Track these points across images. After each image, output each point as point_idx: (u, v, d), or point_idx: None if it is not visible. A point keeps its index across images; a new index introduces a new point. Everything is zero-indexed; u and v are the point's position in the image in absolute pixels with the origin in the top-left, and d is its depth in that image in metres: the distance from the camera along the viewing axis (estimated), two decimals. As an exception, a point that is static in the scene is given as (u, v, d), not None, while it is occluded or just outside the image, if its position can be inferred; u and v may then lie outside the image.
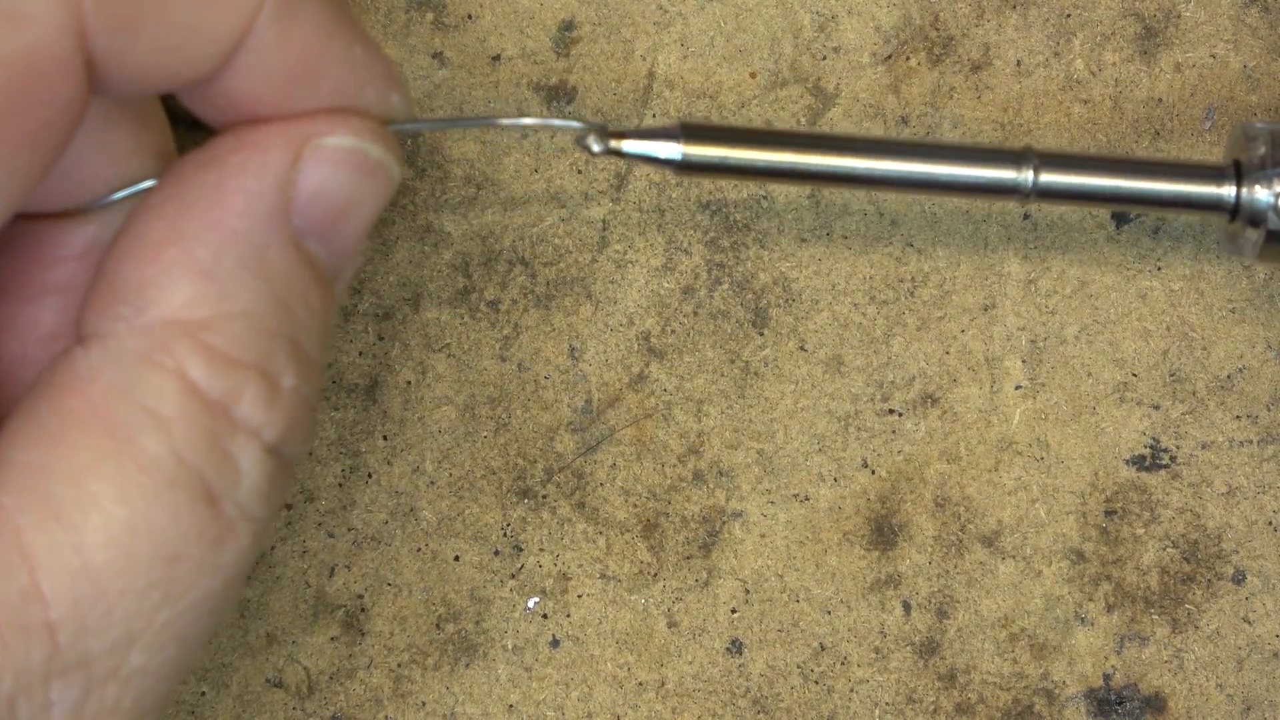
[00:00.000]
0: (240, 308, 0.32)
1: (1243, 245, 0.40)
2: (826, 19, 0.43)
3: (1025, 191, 0.39)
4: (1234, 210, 0.39)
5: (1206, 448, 0.43)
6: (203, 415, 0.32)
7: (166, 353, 0.32)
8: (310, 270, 0.34)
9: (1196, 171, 0.39)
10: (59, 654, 0.31)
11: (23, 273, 0.35)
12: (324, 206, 0.34)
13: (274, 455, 0.33)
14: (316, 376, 0.34)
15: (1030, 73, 0.43)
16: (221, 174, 0.33)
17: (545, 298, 0.43)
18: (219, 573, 0.32)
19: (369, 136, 0.34)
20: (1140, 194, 0.39)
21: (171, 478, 0.32)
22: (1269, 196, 0.39)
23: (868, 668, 0.43)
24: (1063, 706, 0.43)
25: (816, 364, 0.43)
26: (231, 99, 0.34)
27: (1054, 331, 0.43)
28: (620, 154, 0.37)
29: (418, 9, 0.43)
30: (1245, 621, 0.43)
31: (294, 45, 0.33)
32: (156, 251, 0.32)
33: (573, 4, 0.43)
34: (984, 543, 0.43)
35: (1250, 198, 0.39)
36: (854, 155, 0.38)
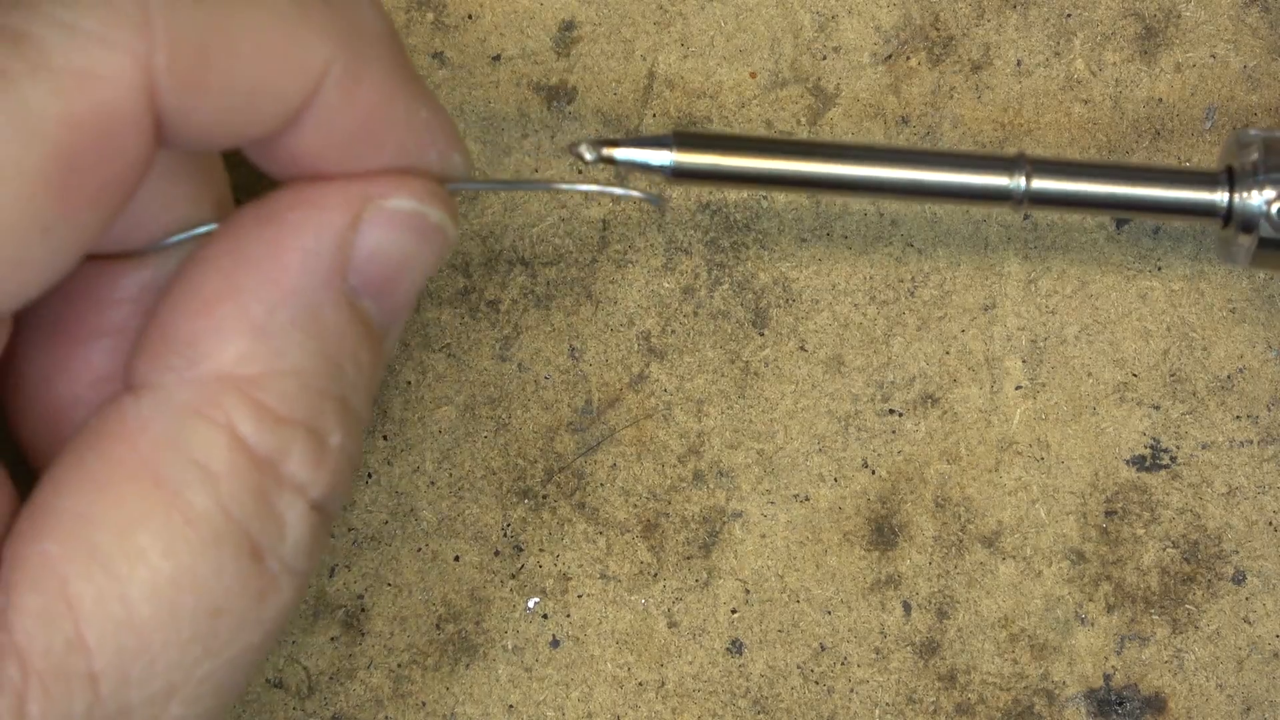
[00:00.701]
0: (292, 365, 0.33)
1: (1236, 252, 0.40)
2: (826, 19, 0.43)
3: (1018, 198, 0.39)
4: (1227, 216, 0.39)
5: (1206, 448, 0.43)
6: (251, 471, 0.32)
7: (217, 407, 0.32)
8: (362, 328, 0.34)
9: (1189, 177, 0.39)
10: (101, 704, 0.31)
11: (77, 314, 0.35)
12: (380, 267, 0.34)
13: (318, 511, 0.33)
14: (362, 434, 0.34)
15: (1030, 73, 0.43)
16: (280, 230, 0.33)
17: (545, 298, 0.43)
18: (260, 627, 0.33)
19: (429, 199, 0.34)
20: (1133, 200, 0.39)
21: (218, 532, 0.32)
22: (1261, 203, 0.39)
23: (868, 668, 0.43)
24: (1063, 707, 0.43)
25: (816, 364, 0.43)
26: (295, 156, 0.34)
27: (1054, 331, 0.43)
28: (613, 162, 0.37)
29: (418, 9, 0.43)
30: (1245, 622, 0.43)
31: (359, 107, 0.33)
32: (211, 305, 0.32)
33: (573, 4, 0.43)
34: (984, 543, 0.43)
35: (1243, 204, 0.39)
36: (846, 163, 0.39)
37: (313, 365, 0.33)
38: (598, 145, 0.37)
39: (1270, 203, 0.39)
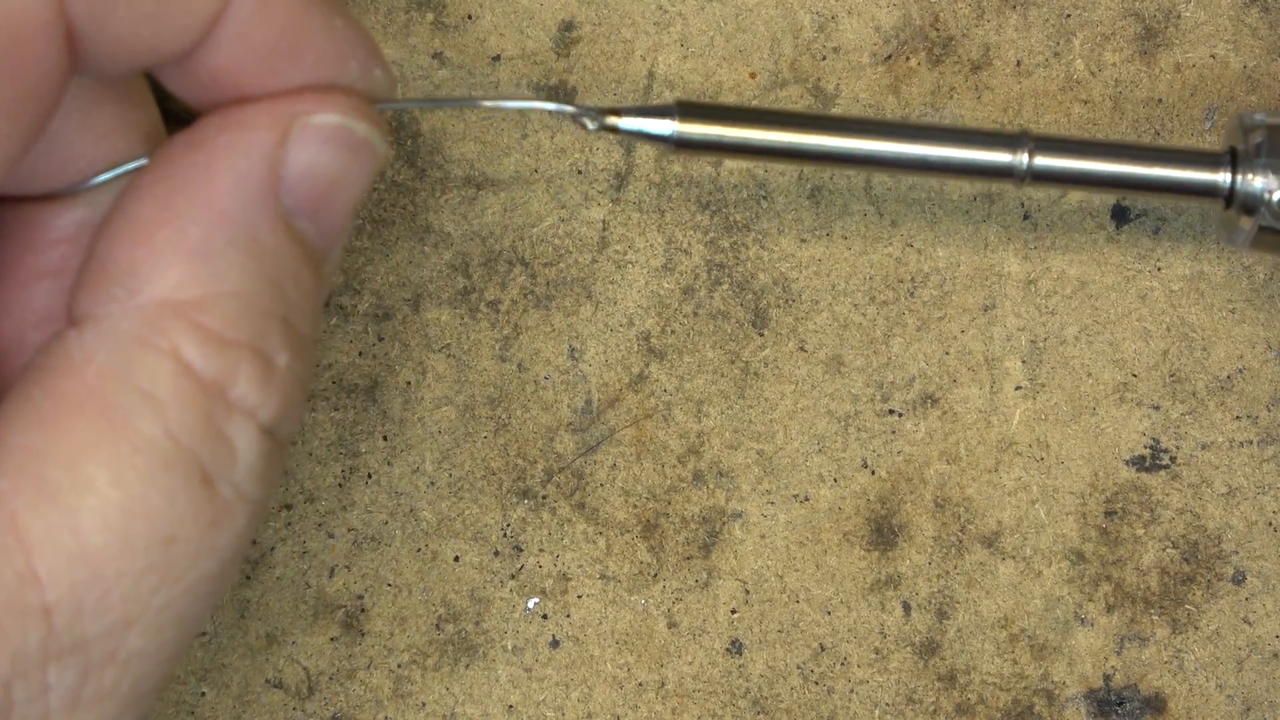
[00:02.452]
0: (232, 287, 0.32)
1: (1237, 234, 0.40)
2: (826, 19, 0.43)
3: (1020, 175, 0.39)
4: (1229, 198, 0.39)
5: (1206, 448, 0.43)
6: (198, 396, 0.32)
7: (160, 334, 0.32)
8: (300, 249, 0.34)
9: (1192, 158, 0.39)
10: (55, 637, 0.31)
11: (13, 257, 0.35)
12: (312, 185, 0.34)
13: (269, 435, 0.33)
14: (310, 355, 0.34)
15: (1030, 73, 0.43)
16: (210, 154, 0.33)
17: (545, 298, 0.43)
18: (216, 554, 0.32)
19: (354, 114, 0.34)
20: (1136, 179, 0.39)
21: (167, 460, 0.32)
22: (1263, 189, 0.39)
23: (868, 668, 0.43)
24: (1063, 707, 0.43)
25: (816, 364, 0.43)
26: (212, 76, 0.33)
27: (1054, 331, 0.43)
28: (616, 130, 0.37)
29: (418, 9, 0.43)
30: (1245, 622, 0.43)
31: (273, 18, 0.33)
32: (147, 233, 0.32)
33: (573, 4, 0.43)
34: (984, 543, 0.43)
35: (1245, 186, 0.39)
36: (849, 136, 0.39)
37: (253, 286, 0.33)
38: (601, 114, 0.37)
39: (1272, 192, 0.39)
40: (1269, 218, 0.39)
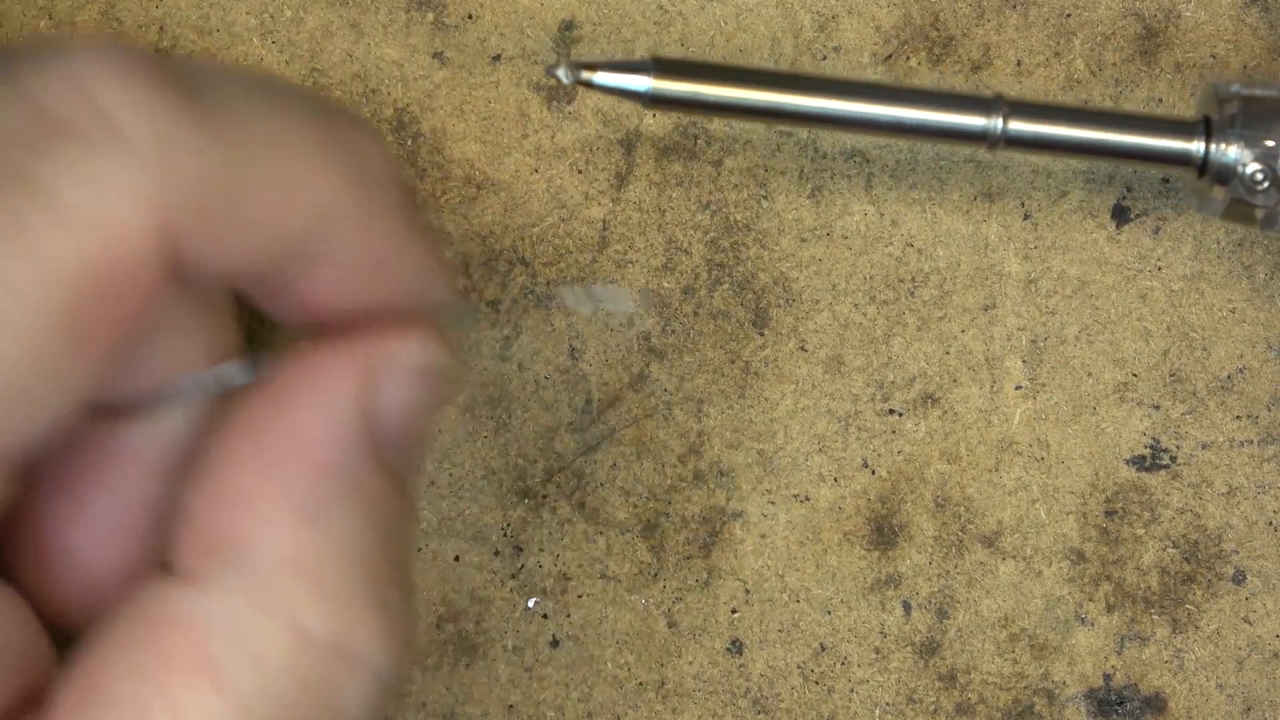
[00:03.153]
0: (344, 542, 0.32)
1: (1209, 203, 0.40)
2: (826, 19, 0.43)
3: (994, 139, 0.39)
4: (1202, 167, 0.39)
5: (1206, 448, 0.43)
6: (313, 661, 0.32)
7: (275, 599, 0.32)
8: (395, 481, 0.33)
9: (1166, 126, 0.39)
10: None
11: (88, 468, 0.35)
12: (400, 420, 0.34)
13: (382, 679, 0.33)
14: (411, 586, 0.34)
15: (1030, 73, 0.43)
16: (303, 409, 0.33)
17: (545, 298, 0.43)
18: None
19: (436, 348, 0.34)
20: (1109, 146, 0.39)
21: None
22: (1237, 157, 0.39)
23: (868, 668, 0.43)
24: (1063, 707, 0.43)
25: (816, 364, 0.43)
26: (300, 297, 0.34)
27: (1054, 331, 0.43)
28: (590, 85, 0.37)
29: (418, 9, 0.43)
30: (1245, 622, 0.43)
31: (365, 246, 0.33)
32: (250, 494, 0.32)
33: (573, 4, 0.43)
34: (984, 543, 0.43)
35: (1219, 156, 0.39)
36: (825, 96, 0.38)
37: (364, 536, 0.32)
38: (576, 68, 0.37)
39: (1245, 164, 0.39)
40: (1242, 190, 0.39)
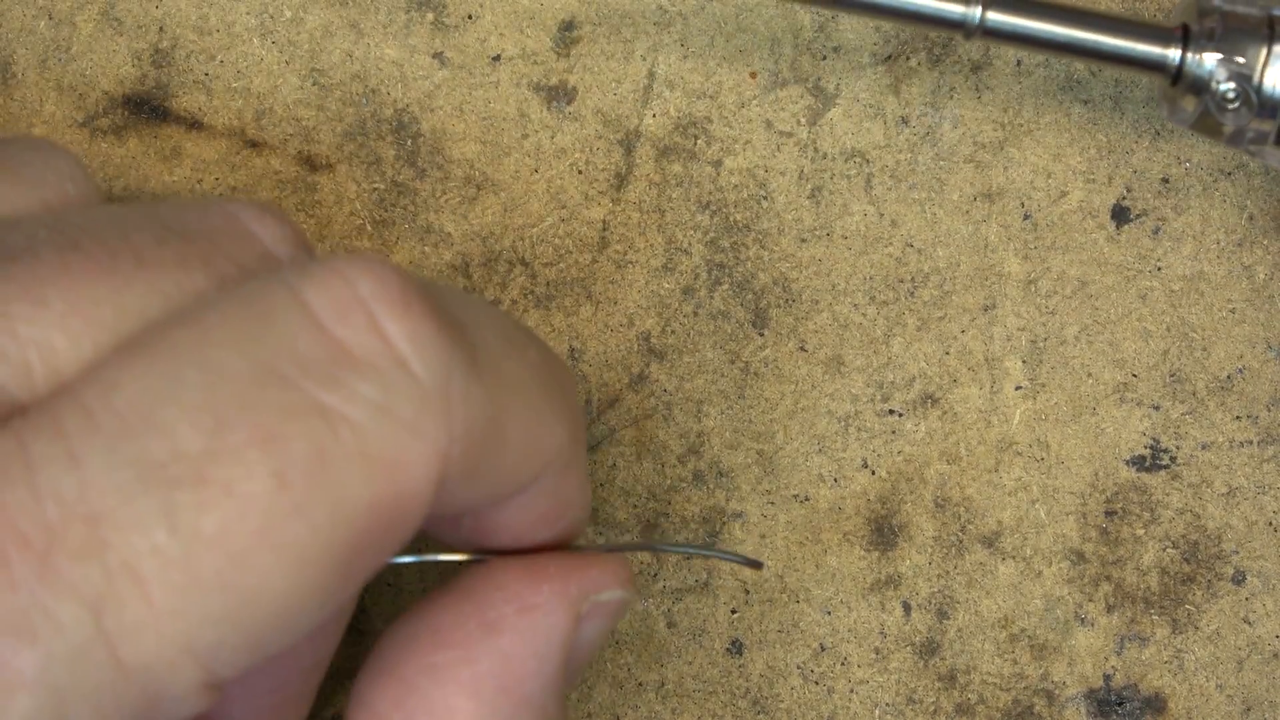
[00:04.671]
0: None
1: (1179, 113, 0.39)
2: (826, 19, 0.43)
3: (971, 28, 0.38)
4: (1176, 75, 0.39)
5: (1206, 448, 0.43)
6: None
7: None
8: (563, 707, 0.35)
9: (1144, 30, 0.39)
10: None
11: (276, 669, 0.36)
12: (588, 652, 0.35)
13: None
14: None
15: (1030, 73, 0.43)
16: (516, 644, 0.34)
17: (545, 298, 0.43)
18: None
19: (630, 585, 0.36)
20: (1086, 45, 0.39)
21: None
22: (1212, 70, 0.39)
23: (868, 668, 0.43)
24: (1063, 707, 0.43)
25: (816, 364, 0.43)
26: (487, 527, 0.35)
27: (1054, 331, 0.43)
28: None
29: (418, 9, 0.43)
30: (1245, 622, 0.43)
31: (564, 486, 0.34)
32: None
33: (573, 4, 0.43)
34: (984, 543, 0.43)
35: (1194, 66, 0.39)
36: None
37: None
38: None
39: (1219, 80, 0.38)
40: (1212, 105, 0.38)
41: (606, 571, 0.35)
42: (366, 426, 0.30)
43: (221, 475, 0.29)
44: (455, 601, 0.34)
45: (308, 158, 0.43)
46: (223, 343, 0.30)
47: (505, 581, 0.34)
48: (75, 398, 0.29)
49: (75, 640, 0.28)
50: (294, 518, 0.29)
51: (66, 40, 0.43)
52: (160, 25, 0.43)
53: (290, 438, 0.29)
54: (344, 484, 0.29)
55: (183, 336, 0.30)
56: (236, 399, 0.29)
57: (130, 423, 0.29)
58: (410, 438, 0.30)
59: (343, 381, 0.30)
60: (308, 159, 0.43)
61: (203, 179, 0.43)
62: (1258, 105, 0.38)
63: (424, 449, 0.30)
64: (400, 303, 0.30)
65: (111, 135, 0.43)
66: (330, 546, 0.29)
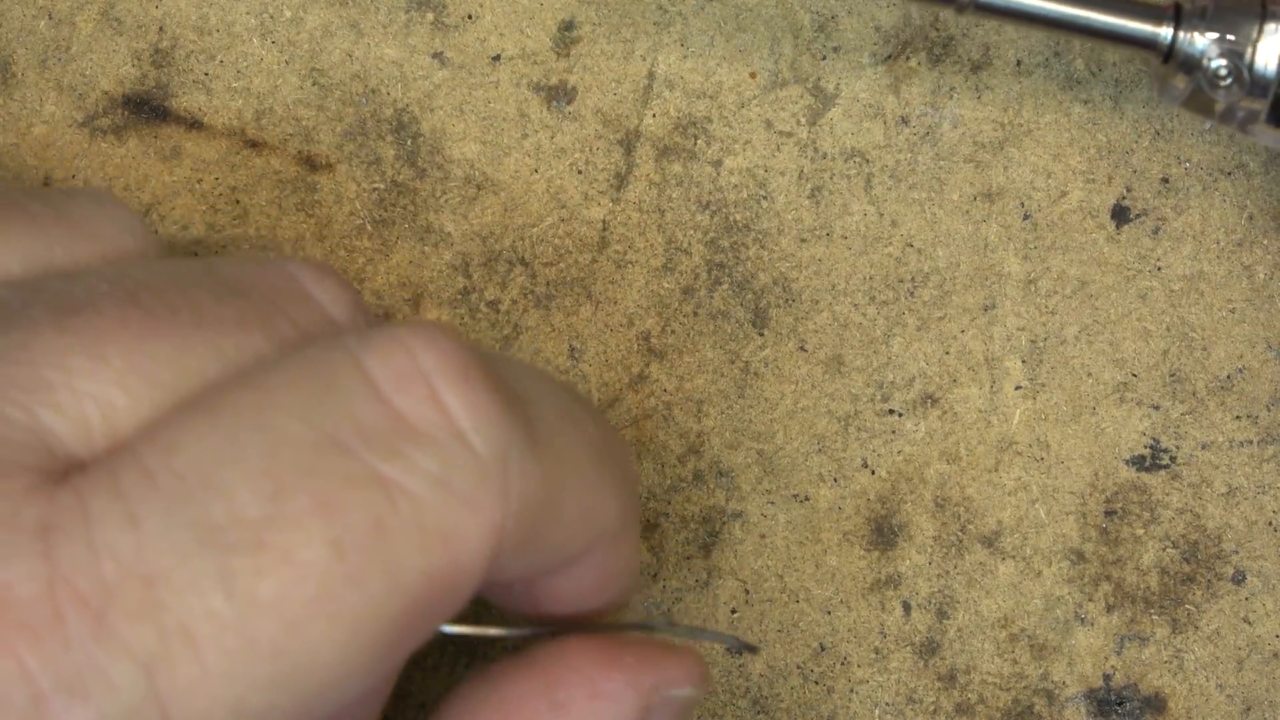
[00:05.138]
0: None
1: (1170, 91, 0.39)
2: (826, 19, 0.43)
3: (963, 3, 0.38)
4: (1168, 53, 0.39)
5: (1206, 448, 0.43)
6: None
7: None
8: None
9: (1137, 8, 0.39)
10: None
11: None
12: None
13: None
14: None
15: (1030, 73, 0.43)
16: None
17: (545, 298, 0.43)
18: None
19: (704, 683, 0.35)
20: (1078, 21, 0.38)
21: None
22: (1204, 48, 0.38)
23: (868, 668, 0.43)
24: (1063, 707, 0.43)
25: (816, 364, 0.43)
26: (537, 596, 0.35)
27: (1054, 331, 0.43)
28: None
29: (418, 9, 0.43)
30: (1245, 622, 0.43)
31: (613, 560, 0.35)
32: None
33: (573, 4, 0.43)
34: (984, 543, 0.43)
35: (1186, 44, 0.39)
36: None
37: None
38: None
39: (1210, 58, 0.38)
40: (1204, 83, 0.38)
41: (682, 667, 0.35)
42: (424, 498, 0.30)
43: (280, 541, 0.29)
44: (525, 676, 0.34)
45: (308, 158, 0.43)
46: (285, 408, 0.30)
47: (579, 664, 0.34)
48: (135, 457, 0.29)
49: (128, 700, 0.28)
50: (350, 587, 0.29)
51: (66, 40, 0.43)
52: (160, 25, 0.43)
53: (349, 507, 0.29)
54: (400, 555, 0.30)
55: (245, 399, 0.30)
56: (297, 465, 0.29)
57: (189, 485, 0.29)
58: (467, 511, 0.30)
59: (402, 453, 0.30)
60: (308, 159, 0.43)
61: (203, 179, 0.43)
62: (1249, 83, 0.38)
63: (480, 523, 0.30)
64: (461, 376, 0.31)
65: (111, 135, 0.43)
66: (384, 616, 0.30)
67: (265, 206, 0.43)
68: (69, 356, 0.30)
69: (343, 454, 0.30)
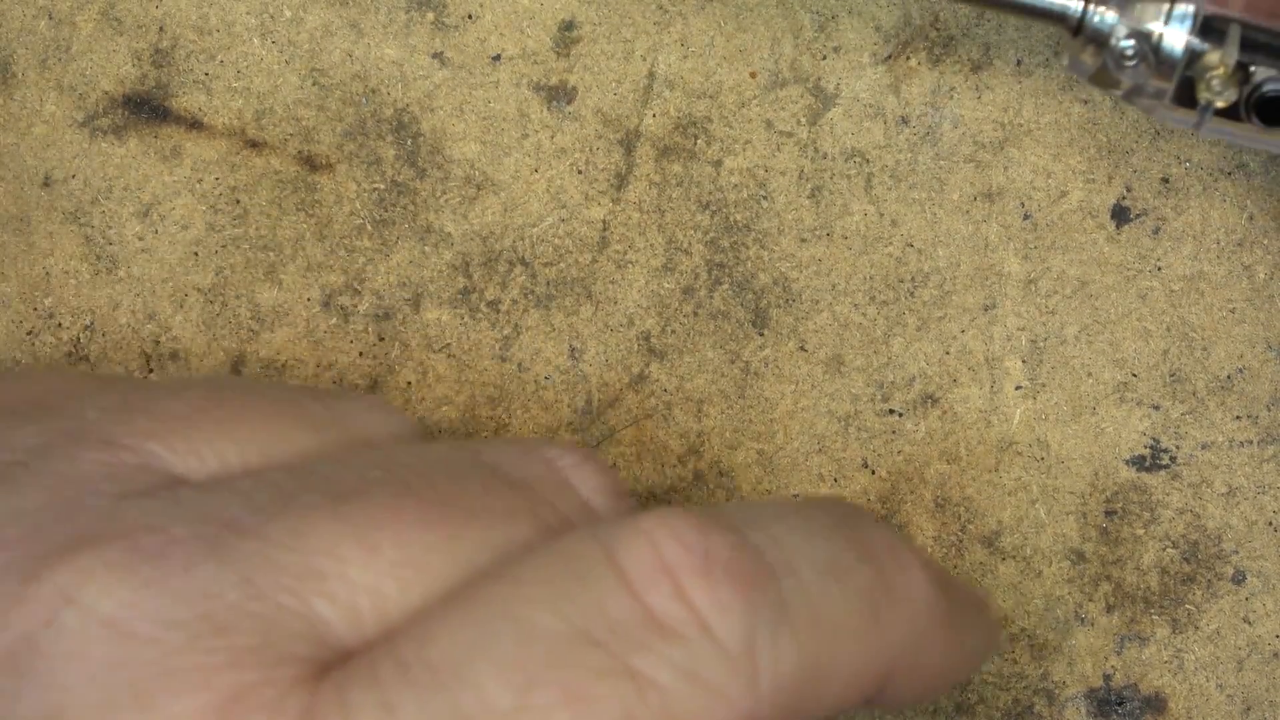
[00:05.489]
0: None
1: (1078, 64, 0.39)
2: (826, 19, 0.43)
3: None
4: (1077, 27, 0.38)
5: (1206, 448, 0.43)
6: None
7: None
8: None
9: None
10: None
11: None
12: None
13: None
14: None
15: (1030, 73, 0.43)
16: None
17: (545, 298, 0.43)
18: None
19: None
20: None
21: None
22: (1113, 23, 0.38)
23: (868, 668, 0.43)
24: (1063, 706, 0.43)
25: (816, 364, 0.43)
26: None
27: (1054, 331, 0.43)
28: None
29: (418, 9, 0.43)
30: (1245, 622, 0.43)
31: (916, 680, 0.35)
32: None
33: (573, 4, 0.43)
34: (984, 543, 0.43)
35: (1096, 18, 0.38)
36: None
37: None
38: None
39: (1118, 38, 0.38)
40: (1110, 61, 0.38)
41: None
42: (673, 691, 0.31)
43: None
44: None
45: (308, 158, 0.43)
46: (537, 601, 0.31)
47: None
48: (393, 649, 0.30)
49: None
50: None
51: (66, 40, 0.43)
52: (160, 25, 0.43)
53: (599, 699, 0.30)
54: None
55: (499, 592, 0.31)
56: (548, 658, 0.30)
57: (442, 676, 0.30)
58: (715, 702, 0.31)
59: (651, 646, 0.31)
60: (308, 159, 0.43)
61: (203, 179, 0.43)
62: (1155, 63, 0.37)
63: (729, 712, 0.31)
64: (702, 570, 0.31)
65: (111, 135, 0.43)
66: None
67: (265, 206, 0.43)
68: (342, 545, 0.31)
69: (593, 647, 0.30)
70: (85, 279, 0.43)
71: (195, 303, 0.43)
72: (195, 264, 0.43)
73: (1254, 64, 0.37)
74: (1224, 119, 0.38)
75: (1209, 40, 0.37)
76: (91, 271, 0.43)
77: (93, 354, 0.43)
